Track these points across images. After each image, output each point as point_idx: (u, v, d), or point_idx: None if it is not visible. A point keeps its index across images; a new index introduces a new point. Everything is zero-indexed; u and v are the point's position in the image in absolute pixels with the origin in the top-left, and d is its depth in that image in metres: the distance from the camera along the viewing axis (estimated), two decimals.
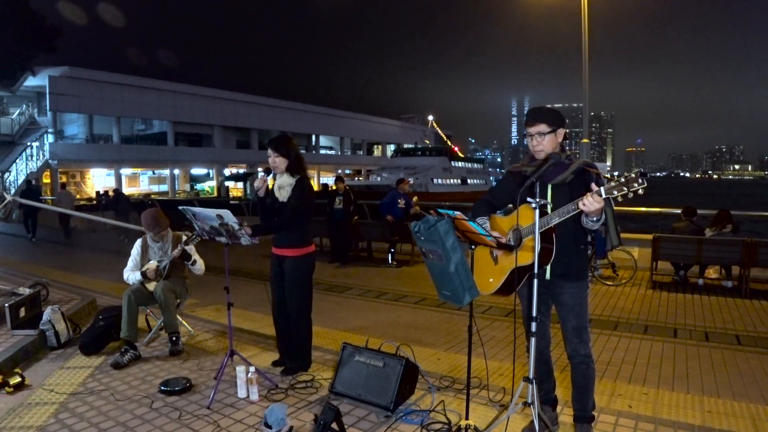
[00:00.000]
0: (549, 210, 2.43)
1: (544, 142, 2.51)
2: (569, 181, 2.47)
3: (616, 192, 2.16)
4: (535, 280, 2.43)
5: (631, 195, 2.13)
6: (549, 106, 2.66)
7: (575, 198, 2.29)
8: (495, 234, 2.55)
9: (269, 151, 3.55)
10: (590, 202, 2.21)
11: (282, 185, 3.57)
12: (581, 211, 2.28)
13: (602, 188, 2.19)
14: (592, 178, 2.36)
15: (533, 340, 2.50)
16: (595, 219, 2.32)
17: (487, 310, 5.67)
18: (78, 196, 29.92)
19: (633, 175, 2.10)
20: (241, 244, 3.34)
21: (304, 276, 3.63)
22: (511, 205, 2.61)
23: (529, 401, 2.54)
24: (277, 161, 3.54)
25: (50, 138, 30.15)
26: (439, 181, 42.63)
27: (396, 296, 6.54)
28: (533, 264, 2.42)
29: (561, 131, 2.54)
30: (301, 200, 3.52)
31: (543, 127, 2.50)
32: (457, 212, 2.64)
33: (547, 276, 2.57)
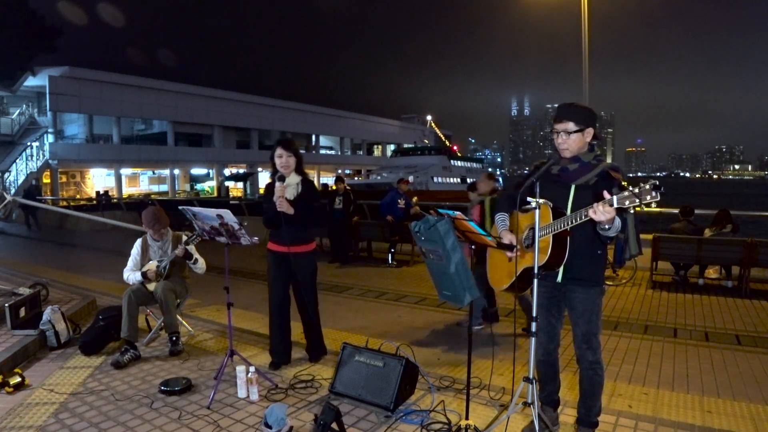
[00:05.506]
0: (569, 211, 2.37)
1: (569, 140, 2.42)
2: (593, 183, 2.39)
3: (627, 202, 2.05)
4: (535, 280, 2.42)
5: (643, 207, 2.04)
6: (580, 103, 2.51)
7: (598, 201, 2.18)
8: (508, 234, 2.54)
9: (280, 151, 3.65)
10: (600, 211, 2.14)
11: (290, 183, 3.70)
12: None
13: (614, 197, 2.09)
14: (614, 184, 2.26)
15: (533, 340, 2.50)
16: (607, 227, 2.24)
17: None
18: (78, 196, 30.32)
19: (647, 187, 2.00)
20: (241, 244, 3.35)
21: (315, 270, 3.89)
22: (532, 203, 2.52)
23: (529, 401, 2.54)
24: (290, 161, 3.69)
25: (50, 138, 30.12)
26: (439, 179, 42.63)
27: (396, 296, 6.54)
28: (543, 265, 2.41)
29: (589, 131, 2.44)
30: (318, 199, 3.82)
31: (570, 125, 2.41)
32: (457, 212, 2.65)
33: (559, 279, 2.53)
